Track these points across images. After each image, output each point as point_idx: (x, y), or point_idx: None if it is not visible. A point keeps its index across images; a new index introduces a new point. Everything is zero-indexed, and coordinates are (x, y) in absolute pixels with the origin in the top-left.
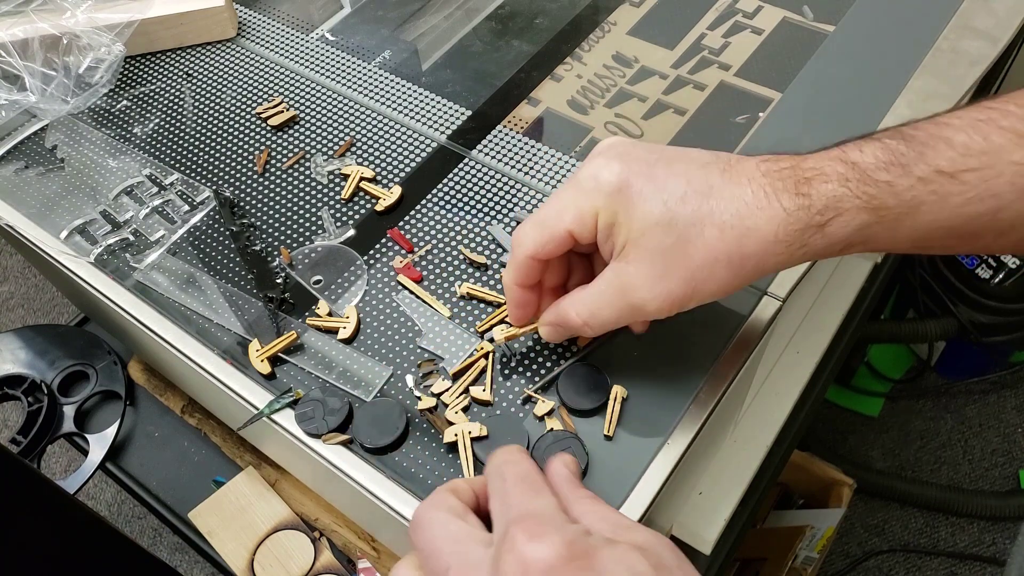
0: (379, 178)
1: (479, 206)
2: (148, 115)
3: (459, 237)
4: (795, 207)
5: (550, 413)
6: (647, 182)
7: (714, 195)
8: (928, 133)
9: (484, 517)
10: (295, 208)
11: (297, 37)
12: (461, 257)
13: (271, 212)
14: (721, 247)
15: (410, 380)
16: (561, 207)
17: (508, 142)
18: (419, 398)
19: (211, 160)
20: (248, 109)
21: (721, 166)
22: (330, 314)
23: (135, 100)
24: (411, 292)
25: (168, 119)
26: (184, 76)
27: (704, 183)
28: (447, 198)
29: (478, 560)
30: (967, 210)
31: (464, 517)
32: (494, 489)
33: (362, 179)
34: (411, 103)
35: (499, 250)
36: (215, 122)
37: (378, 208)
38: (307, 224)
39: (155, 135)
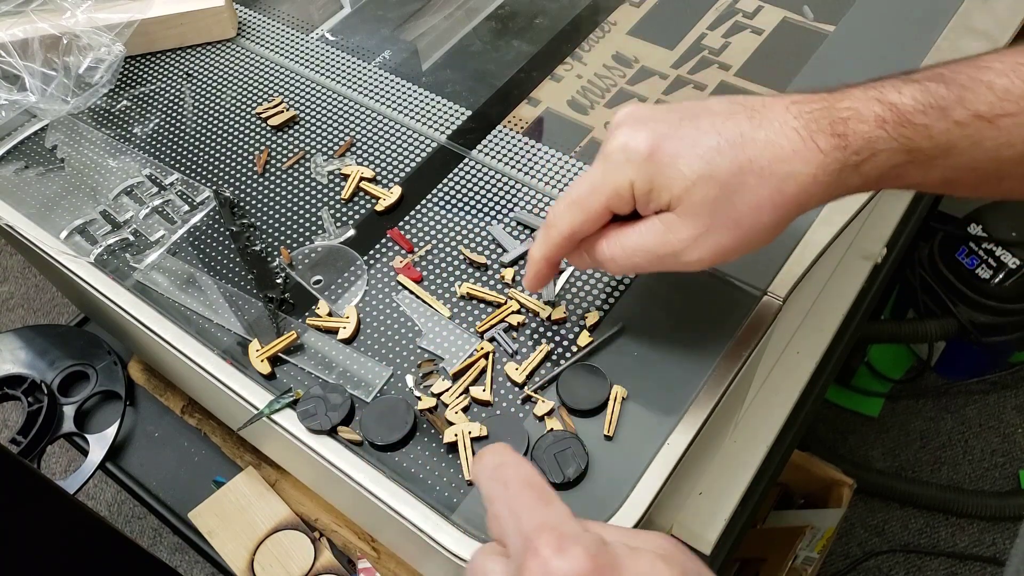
0: (379, 178)
1: (479, 206)
2: (148, 115)
3: (459, 237)
4: (831, 147)
5: (550, 413)
6: (678, 142)
7: (747, 143)
8: (968, 76)
9: None
10: (295, 208)
11: (297, 37)
12: (461, 257)
13: (271, 212)
14: (764, 194)
15: (410, 380)
16: (595, 184)
17: (508, 142)
18: (419, 398)
19: (211, 160)
20: (248, 109)
21: (747, 113)
22: (330, 314)
23: (135, 100)
24: (411, 292)
25: (168, 119)
26: (184, 76)
27: (735, 132)
28: (447, 198)
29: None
30: (998, 154)
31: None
32: (496, 495)
33: (362, 179)
34: (411, 103)
35: (499, 250)
36: (215, 122)
37: (378, 208)
38: (307, 224)
39: (155, 135)
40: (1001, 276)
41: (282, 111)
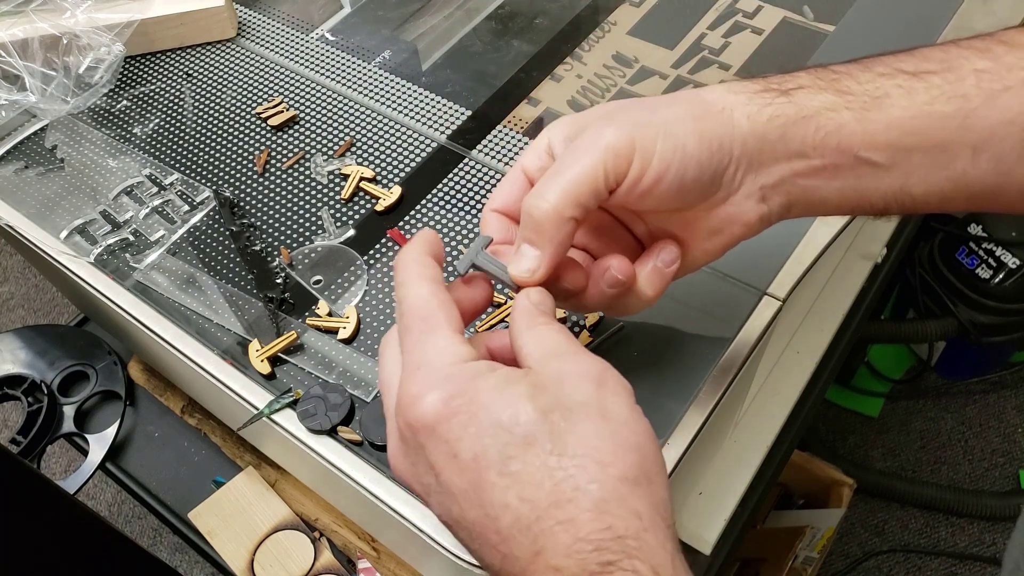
0: (379, 178)
1: (479, 206)
2: (148, 115)
3: (459, 237)
4: (756, 89)
5: None
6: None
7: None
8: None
9: None
10: (295, 208)
11: (297, 37)
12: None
13: (271, 212)
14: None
15: None
16: (580, 158)
17: (508, 142)
18: None
19: (211, 160)
20: (248, 109)
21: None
22: (330, 314)
23: (135, 100)
24: None
25: (168, 119)
26: (184, 76)
27: (683, 110)
28: (447, 198)
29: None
30: (935, 108)
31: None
32: (398, 309)
33: (362, 179)
34: (411, 103)
35: None
36: (215, 122)
37: (378, 208)
38: (307, 224)
39: (155, 135)
40: (1001, 276)
41: (282, 111)
